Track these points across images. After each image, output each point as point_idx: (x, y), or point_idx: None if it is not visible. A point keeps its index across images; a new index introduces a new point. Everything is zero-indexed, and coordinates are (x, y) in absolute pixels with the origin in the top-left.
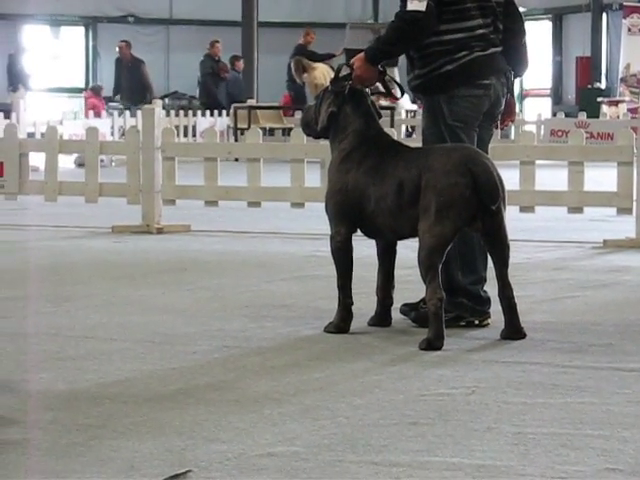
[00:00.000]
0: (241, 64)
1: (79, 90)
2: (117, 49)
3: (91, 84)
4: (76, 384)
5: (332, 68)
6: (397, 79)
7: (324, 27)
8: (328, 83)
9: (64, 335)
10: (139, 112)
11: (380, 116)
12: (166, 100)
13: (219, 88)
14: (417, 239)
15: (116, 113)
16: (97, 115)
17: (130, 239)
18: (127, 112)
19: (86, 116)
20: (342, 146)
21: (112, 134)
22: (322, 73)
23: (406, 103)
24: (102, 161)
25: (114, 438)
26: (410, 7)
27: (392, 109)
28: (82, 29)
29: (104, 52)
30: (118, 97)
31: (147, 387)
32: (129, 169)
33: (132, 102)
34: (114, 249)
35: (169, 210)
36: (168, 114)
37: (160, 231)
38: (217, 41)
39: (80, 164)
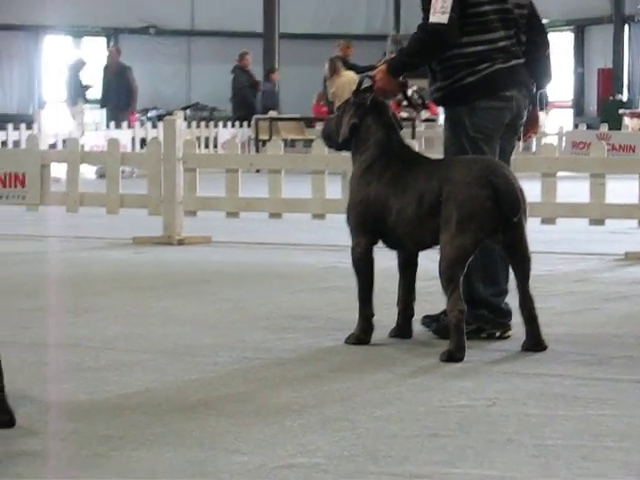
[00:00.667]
0: (277, 76)
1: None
2: (107, 54)
3: None
4: (97, 395)
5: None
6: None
7: (346, 39)
8: (349, 94)
9: (85, 346)
10: (160, 123)
11: (401, 127)
12: (187, 111)
13: (254, 100)
14: (438, 250)
15: (138, 124)
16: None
17: (151, 250)
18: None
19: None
20: (363, 158)
21: (133, 145)
22: (343, 83)
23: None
24: (123, 172)
25: (135, 449)
26: (432, 19)
27: (432, 120)
28: (104, 40)
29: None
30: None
31: (168, 398)
32: (150, 180)
33: (117, 109)
34: (135, 260)
35: (190, 221)
36: (189, 125)
37: (181, 242)
38: (247, 52)
39: (101, 175)
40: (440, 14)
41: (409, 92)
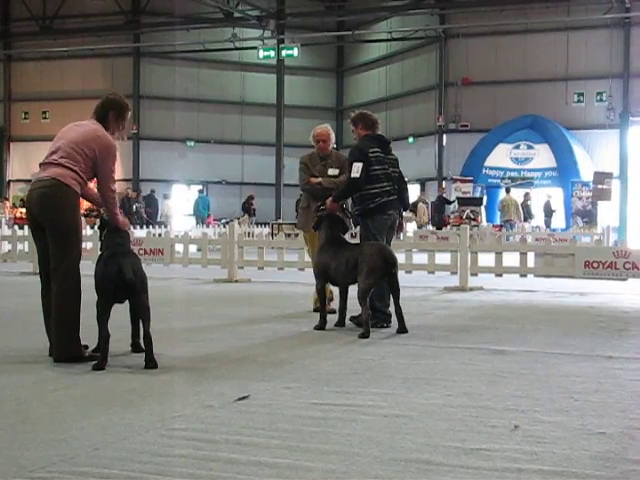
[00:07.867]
0: None
1: None
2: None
3: None
4: (187, 352)
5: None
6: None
7: None
8: None
9: (189, 329)
10: (227, 225)
11: (347, 229)
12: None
13: None
14: (357, 285)
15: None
16: None
17: (223, 285)
18: None
19: None
20: (321, 241)
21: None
22: None
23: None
24: (211, 249)
25: (219, 372)
26: (352, 176)
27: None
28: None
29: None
30: None
31: (226, 354)
32: (222, 252)
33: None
34: (215, 289)
35: (241, 271)
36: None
37: (236, 281)
38: None
39: (199, 249)
40: (356, 173)
41: (345, 210)
